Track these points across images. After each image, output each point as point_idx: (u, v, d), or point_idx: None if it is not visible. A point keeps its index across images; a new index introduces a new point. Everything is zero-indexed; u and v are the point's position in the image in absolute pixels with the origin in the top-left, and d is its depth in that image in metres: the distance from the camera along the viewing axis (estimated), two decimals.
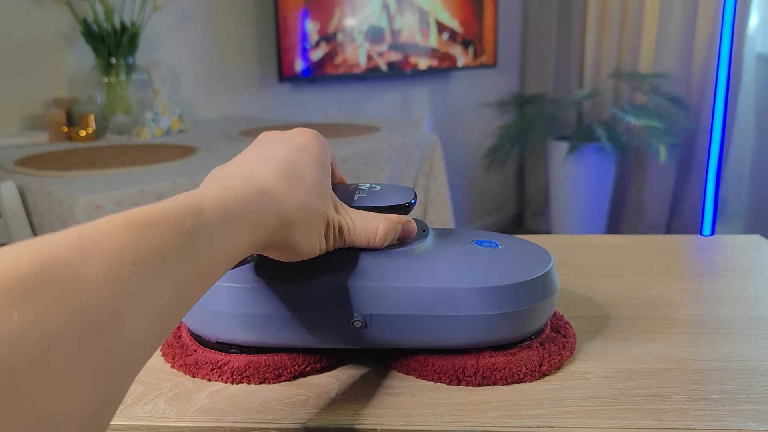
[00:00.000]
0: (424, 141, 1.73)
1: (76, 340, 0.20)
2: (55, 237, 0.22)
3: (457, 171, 3.07)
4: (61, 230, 0.23)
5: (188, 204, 0.27)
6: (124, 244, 0.23)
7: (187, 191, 0.30)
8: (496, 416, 0.35)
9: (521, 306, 0.38)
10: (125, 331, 0.23)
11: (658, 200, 3.03)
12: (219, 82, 2.21)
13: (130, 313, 0.23)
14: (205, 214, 0.28)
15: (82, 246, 0.22)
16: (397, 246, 0.40)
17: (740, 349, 0.43)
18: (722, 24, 1.18)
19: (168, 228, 0.25)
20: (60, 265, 0.21)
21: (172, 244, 0.25)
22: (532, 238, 0.61)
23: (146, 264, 0.24)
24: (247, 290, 0.39)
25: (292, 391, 0.39)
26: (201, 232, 0.27)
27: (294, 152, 0.36)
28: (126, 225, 0.24)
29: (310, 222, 0.34)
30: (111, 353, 0.22)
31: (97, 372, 0.21)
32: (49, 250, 0.21)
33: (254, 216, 0.31)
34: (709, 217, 1.24)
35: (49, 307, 0.20)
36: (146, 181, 1.14)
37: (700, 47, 2.83)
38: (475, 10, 2.95)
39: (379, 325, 0.38)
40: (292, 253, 0.34)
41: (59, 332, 0.20)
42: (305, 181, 0.35)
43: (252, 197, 0.31)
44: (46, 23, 1.78)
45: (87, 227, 0.24)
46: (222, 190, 0.30)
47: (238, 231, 0.29)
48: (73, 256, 0.22)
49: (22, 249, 0.21)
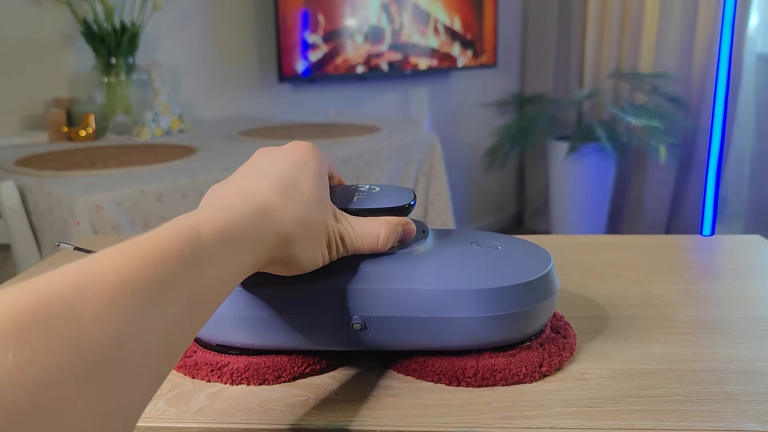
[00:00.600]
0: (424, 141, 1.73)
1: (77, 377, 0.20)
2: (53, 275, 0.22)
3: (457, 171, 3.07)
4: (59, 268, 0.23)
5: (186, 229, 0.27)
6: (122, 275, 0.23)
7: (186, 213, 0.30)
8: (496, 417, 0.35)
9: (521, 307, 0.38)
10: (129, 363, 0.22)
11: (658, 200, 3.03)
12: (219, 82, 2.21)
13: (132, 344, 0.22)
14: (204, 239, 0.28)
15: (80, 280, 0.22)
16: (397, 248, 0.40)
17: (740, 349, 0.42)
18: (722, 24, 1.18)
19: (167, 256, 0.25)
20: (57, 302, 0.21)
21: (171, 271, 0.25)
22: (532, 238, 0.61)
23: (146, 293, 0.24)
24: (246, 293, 0.39)
25: (291, 392, 0.38)
26: (200, 258, 0.27)
27: (290, 167, 0.36)
28: (124, 256, 0.24)
29: (310, 235, 0.34)
30: (115, 387, 0.22)
31: (101, 406, 0.21)
32: (46, 289, 0.21)
33: (254, 235, 0.31)
34: (709, 217, 1.24)
35: (47, 345, 0.20)
36: (146, 181, 1.14)
37: (700, 47, 2.83)
38: (475, 10, 2.95)
39: (378, 327, 0.38)
40: (294, 267, 0.35)
41: (60, 370, 0.20)
42: (303, 194, 0.35)
43: (251, 216, 0.31)
44: (46, 23, 1.78)
45: (85, 261, 0.23)
46: (220, 211, 0.30)
47: (238, 252, 0.29)
48: (70, 292, 0.21)
49: (18, 290, 0.21)
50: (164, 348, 0.24)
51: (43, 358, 0.19)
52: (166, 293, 0.25)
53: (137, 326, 0.23)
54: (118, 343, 0.22)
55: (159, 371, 0.24)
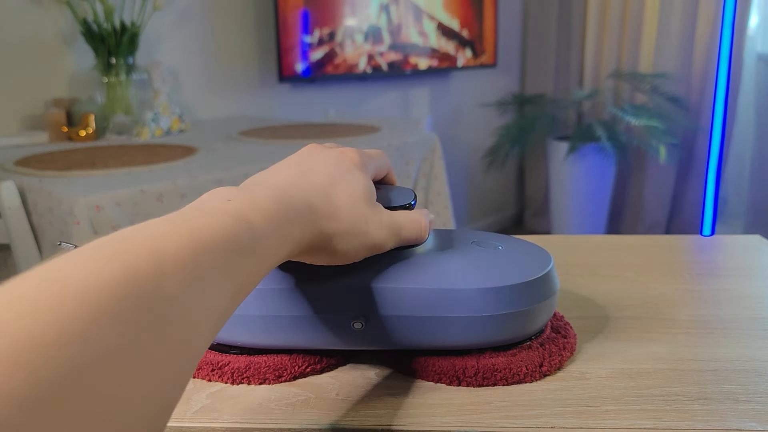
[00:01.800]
0: (424, 141, 1.73)
1: (160, 348, 0.21)
2: (129, 249, 0.23)
3: (457, 171, 3.07)
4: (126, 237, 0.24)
5: (240, 220, 0.28)
6: (192, 262, 0.24)
7: (230, 190, 0.31)
8: (497, 417, 0.35)
9: (521, 307, 0.38)
10: (192, 337, 0.23)
11: (658, 200, 3.03)
12: (219, 82, 2.21)
13: (197, 322, 0.24)
14: (256, 230, 0.29)
15: (158, 260, 0.23)
16: (397, 247, 0.40)
17: (740, 349, 0.43)
18: (722, 24, 1.18)
19: (228, 247, 0.27)
20: (144, 279, 0.22)
21: (231, 261, 0.26)
22: (532, 238, 0.61)
23: (211, 279, 0.25)
24: None
25: (292, 391, 0.39)
26: (254, 247, 0.28)
27: (336, 168, 0.37)
28: (192, 246, 0.25)
29: (352, 231, 0.35)
30: (178, 366, 0.23)
31: (167, 380, 0.22)
32: (130, 262, 0.22)
33: (296, 228, 0.32)
34: (709, 217, 1.24)
35: (139, 322, 0.21)
36: (146, 181, 1.14)
37: (700, 47, 2.83)
38: (475, 10, 2.95)
39: (379, 326, 0.38)
40: (331, 258, 0.36)
41: (147, 341, 0.21)
42: (347, 194, 0.36)
43: (294, 210, 0.32)
44: (46, 23, 1.78)
45: (153, 240, 0.24)
46: (268, 201, 0.31)
47: (281, 242, 0.30)
48: (152, 269, 0.22)
49: (103, 256, 0.22)
50: (213, 330, 0.26)
51: (135, 337, 0.20)
52: (226, 278, 0.26)
53: (201, 308, 0.24)
54: (189, 323, 0.23)
55: (202, 353, 0.25)
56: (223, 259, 0.26)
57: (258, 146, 1.54)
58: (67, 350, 0.18)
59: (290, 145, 1.54)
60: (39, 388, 0.17)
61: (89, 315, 0.19)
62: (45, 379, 0.17)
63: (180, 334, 0.23)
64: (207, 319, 0.25)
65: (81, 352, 0.18)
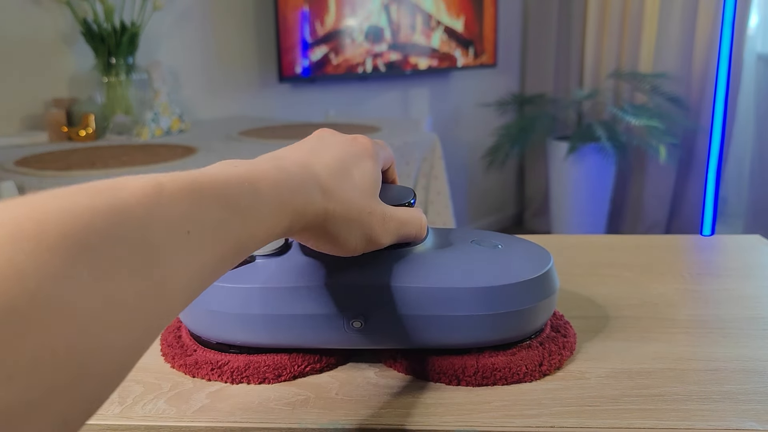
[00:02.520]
0: (424, 141, 1.73)
1: (134, 295, 0.21)
2: (128, 186, 0.23)
3: (457, 171, 3.06)
4: (131, 177, 0.24)
5: (245, 180, 0.28)
6: (184, 211, 0.24)
7: (240, 160, 0.31)
8: (496, 416, 0.35)
9: (521, 306, 0.38)
10: (168, 293, 0.23)
11: (658, 200, 3.03)
12: (219, 82, 2.21)
13: (176, 278, 0.23)
14: (259, 195, 0.28)
15: (151, 203, 0.23)
16: (397, 245, 0.40)
17: (740, 349, 0.42)
18: (722, 24, 1.18)
19: (225, 203, 0.26)
20: (131, 220, 0.22)
21: (225, 219, 0.26)
22: (532, 238, 0.61)
23: (200, 235, 0.25)
24: (246, 291, 0.39)
25: (291, 390, 0.39)
26: (252, 211, 0.28)
27: (346, 153, 0.37)
28: (190, 192, 0.25)
29: (353, 218, 0.35)
30: (153, 316, 0.22)
31: (138, 328, 0.22)
32: (122, 200, 0.22)
33: (300, 202, 0.31)
34: (709, 217, 1.24)
35: (117, 264, 0.20)
36: None
37: (700, 47, 2.83)
38: (475, 10, 2.95)
39: (378, 325, 0.38)
40: (331, 245, 0.35)
41: (122, 286, 0.20)
42: (353, 179, 0.35)
43: (302, 184, 0.32)
44: (46, 23, 1.78)
45: (155, 183, 0.24)
46: (277, 171, 0.31)
47: (282, 214, 0.30)
48: (142, 211, 0.22)
49: (97, 192, 0.22)
50: (195, 286, 0.25)
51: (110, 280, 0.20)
52: (215, 237, 0.26)
53: (183, 263, 0.24)
54: (167, 275, 0.23)
55: (182, 306, 0.25)
56: (218, 212, 0.26)
57: (258, 146, 1.54)
58: (37, 283, 0.18)
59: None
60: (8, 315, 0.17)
61: (66, 251, 0.19)
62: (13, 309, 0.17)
63: (159, 285, 0.22)
64: (188, 278, 0.24)
65: (52, 287, 0.18)
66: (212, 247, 0.25)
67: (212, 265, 0.26)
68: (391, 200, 0.40)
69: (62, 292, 0.18)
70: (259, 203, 0.28)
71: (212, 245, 0.25)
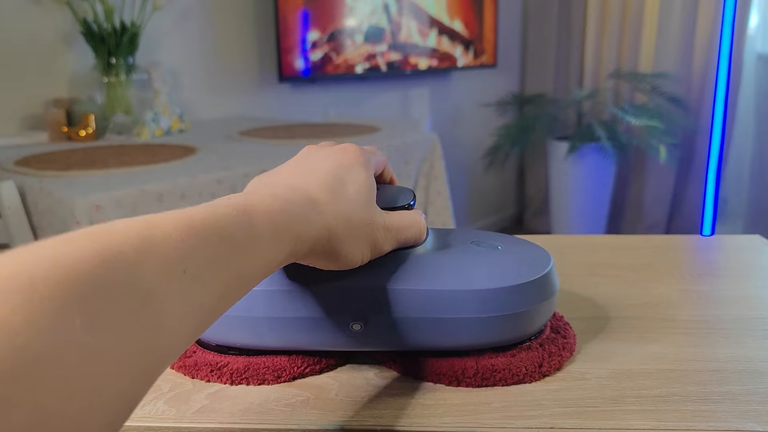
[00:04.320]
0: (424, 141, 1.73)
1: (127, 343, 0.20)
2: (118, 230, 0.22)
3: (457, 171, 3.06)
4: (122, 220, 0.23)
5: (239, 212, 0.28)
6: (179, 250, 0.23)
7: (236, 194, 0.31)
8: (496, 417, 0.35)
9: (521, 307, 0.38)
10: (165, 336, 0.22)
11: (658, 200, 3.03)
12: (219, 82, 2.21)
13: (173, 319, 0.23)
14: (255, 226, 0.28)
15: (143, 245, 0.22)
16: (397, 248, 0.40)
17: (740, 349, 0.42)
18: (722, 24, 1.18)
19: (220, 238, 0.26)
20: (122, 266, 0.21)
21: (222, 254, 0.26)
22: (532, 238, 0.61)
23: (196, 272, 0.24)
24: (248, 294, 0.39)
25: (291, 391, 0.38)
26: (249, 244, 0.27)
27: (337, 167, 0.36)
28: (184, 229, 0.24)
29: (354, 233, 0.35)
30: (146, 365, 0.22)
31: (132, 379, 0.21)
32: (113, 245, 0.21)
33: (299, 226, 0.31)
34: (709, 217, 1.24)
35: (109, 313, 0.20)
36: (146, 181, 1.14)
37: (700, 47, 2.83)
38: (475, 10, 2.95)
39: (377, 327, 0.38)
40: (339, 262, 0.35)
41: (114, 335, 0.20)
42: (349, 193, 0.35)
43: (298, 207, 0.32)
44: (46, 23, 1.78)
45: (146, 224, 0.24)
46: (270, 198, 0.31)
47: (281, 242, 0.30)
48: (134, 255, 0.22)
49: (87, 240, 0.21)
50: (195, 326, 0.25)
51: (104, 325, 0.20)
52: (213, 274, 0.25)
53: (181, 303, 0.23)
54: (163, 315, 0.22)
55: (183, 347, 0.25)
56: (213, 250, 0.25)
57: (258, 146, 1.54)
58: (27, 338, 0.17)
59: (290, 145, 1.54)
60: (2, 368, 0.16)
61: (57, 303, 0.18)
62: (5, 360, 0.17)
63: (152, 332, 0.22)
64: (186, 318, 0.24)
65: (42, 342, 0.17)
66: (210, 284, 0.25)
67: (211, 303, 0.25)
68: (391, 202, 0.40)
69: (53, 346, 0.18)
70: (255, 234, 0.28)
71: (210, 282, 0.25)
